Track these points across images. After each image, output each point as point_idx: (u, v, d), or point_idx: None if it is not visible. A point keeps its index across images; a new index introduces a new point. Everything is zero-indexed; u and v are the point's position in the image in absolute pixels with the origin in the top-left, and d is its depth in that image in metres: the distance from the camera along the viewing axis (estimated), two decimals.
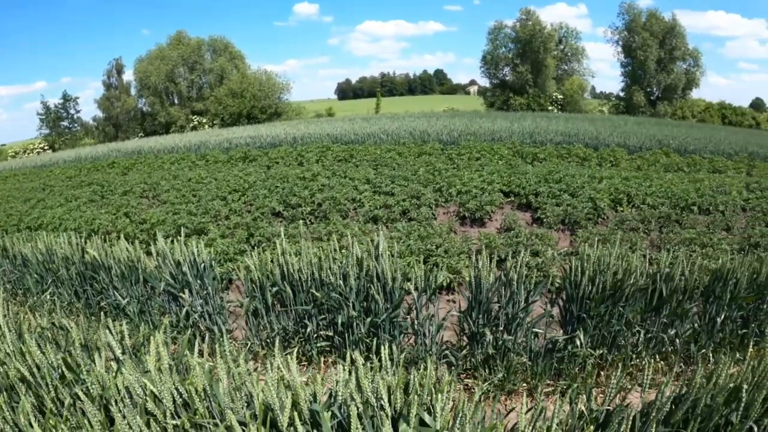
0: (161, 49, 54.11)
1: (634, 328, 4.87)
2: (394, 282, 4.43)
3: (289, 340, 4.92)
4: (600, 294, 4.57)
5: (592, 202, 9.36)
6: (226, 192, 11.91)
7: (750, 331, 5.41)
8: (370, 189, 10.44)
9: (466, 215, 9.08)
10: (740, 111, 57.12)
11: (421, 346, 4.49)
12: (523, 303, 4.41)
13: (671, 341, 5.00)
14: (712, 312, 5.29)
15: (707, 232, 8.62)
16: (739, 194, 10.79)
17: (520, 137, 19.09)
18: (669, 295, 4.80)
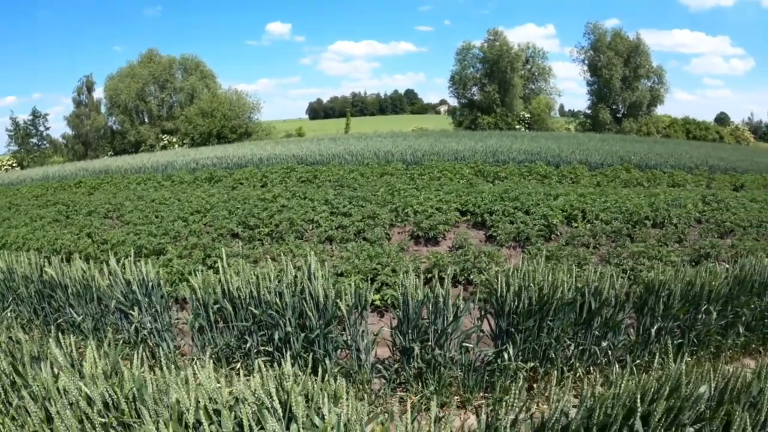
0: (132, 67, 53.88)
1: (565, 342, 5.04)
2: (326, 300, 4.70)
3: (233, 355, 5.19)
4: (527, 309, 4.76)
5: (544, 219, 9.64)
6: (188, 213, 12.06)
7: (687, 341, 5.58)
8: (327, 210, 10.70)
9: (420, 234, 9.35)
10: (704, 125, 58.79)
11: (356, 360, 4.76)
12: (451, 318, 4.66)
13: (604, 353, 5.17)
14: (646, 323, 5.47)
15: (657, 245, 8.91)
16: (694, 207, 11.19)
17: (483, 156, 19.51)
18: (598, 308, 4.99)
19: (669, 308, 5.42)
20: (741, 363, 5.76)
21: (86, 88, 56.81)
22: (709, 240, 9.20)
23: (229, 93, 52.40)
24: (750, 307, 6.05)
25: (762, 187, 16.52)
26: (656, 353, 5.09)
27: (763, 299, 6.13)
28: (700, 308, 5.58)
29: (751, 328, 6.15)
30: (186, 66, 55.69)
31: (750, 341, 6.17)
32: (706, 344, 5.75)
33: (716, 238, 9.53)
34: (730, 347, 5.97)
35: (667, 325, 5.46)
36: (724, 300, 5.78)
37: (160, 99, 53.73)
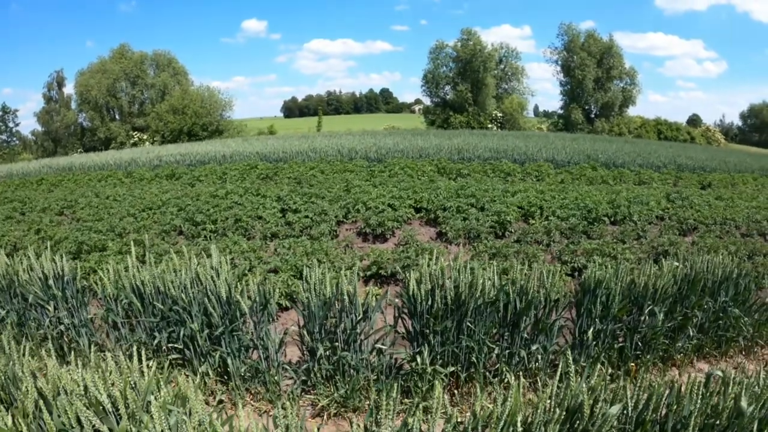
0: (103, 63, 52.88)
1: (489, 345, 4.69)
2: (229, 297, 4.57)
3: (146, 352, 5.03)
4: (441, 308, 4.52)
5: (497, 216, 9.55)
6: (138, 209, 11.85)
7: (630, 344, 5.27)
8: (278, 207, 10.56)
9: (367, 231, 9.22)
10: (675, 126, 59.71)
11: (263, 360, 4.64)
12: (360, 317, 4.49)
13: (536, 357, 4.89)
14: (582, 325, 5.14)
15: (612, 242, 8.88)
16: (657, 204, 11.19)
17: (448, 154, 19.55)
18: (524, 308, 4.69)
19: (608, 309, 5.10)
20: (695, 367, 5.68)
21: (57, 84, 56.07)
22: (668, 237, 9.20)
23: (201, 90, 51.78)
24: (702, 308, 5.73)
25: (729, 185, 16.73)
26: (598, 358, 4.99)
27: (717, 299, 5.85)
28: (643, 309, 5.27)
29: (704, 330, 5.85)
30: (158, 62, 54.86)
31: (703, 344, 5.90)
32: (653, 348, 5.41)
33: (677, 236, 9.54)
34: (681, 351, 5.69)
35: (606, 328, 5.13)
36: (673, 300, 5.50)
37: (131, 95, 52.91)
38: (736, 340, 6.04)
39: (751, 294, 6.17)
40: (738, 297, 6.00)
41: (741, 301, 6.02)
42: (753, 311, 6.16)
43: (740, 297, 6.03)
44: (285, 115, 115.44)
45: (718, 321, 5.90)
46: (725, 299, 5.86)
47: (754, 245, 9.24)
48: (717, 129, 66.38)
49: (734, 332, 5.96)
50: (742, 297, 6.04)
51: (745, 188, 16.36)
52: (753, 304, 6.19)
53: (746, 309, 6.06)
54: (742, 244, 9.15)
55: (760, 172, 21.69)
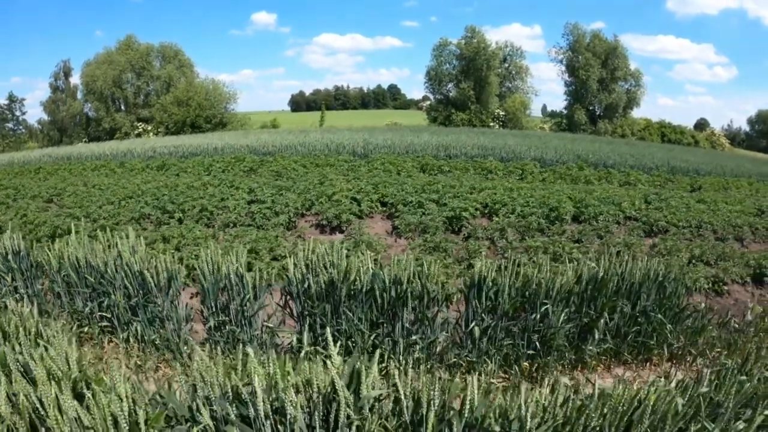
0: (109, 54, 53.20)
1: (362, 330, 4.79)
2: (142, 273, 4.99)
3: (83, 321, 5.54)
4: (316, 292, 4.76)
5: (453, 212, 9.78)
6: (119, 198, 12.28)
7: (526, 343, 5.14)
8: (248, 198, 10.96)
9: (325, 224, 9.61)
10: (679, 130, 59.31)
11: (173, 332, 5.02)
12: (252, 297, 4.88)
13: (423, 349, 4.90)
14: (469, 320, 5.06)
15: (559, 240, 9.02)
16: (632, 205, 11.16)
17: (435, 150, 19.79)
18: (396, 298, 4.76)
19: (497, 305, 5.00)
20: (611, 373, 5.49)
21: (63, 74, 56.56)
22: (623, 238, 9.31)
23: (206, 82, 52.18)
24: (616, 311, 5.52)
25: (722, 189, 16.76)
26: (487, 354, 5.01)
27: (637, 303, 5.63)
28: (537, 308, 5.12)
29: (620, 334, 5.62)
30: (164, 54, 55.17)
31: (621, 350, 5.66)
32: (554, 349, 5.24)
33: (641, 237, 9.69)
34: (592, 355, 5.45)
35: (497, 324, 5.03)
36: (580, 301, 5.36)
37: (137, 86, 53.27)
38: (659, 346, 5.76)
39: (681, 299, 5.95)
40: (664, 302, 5.78)
41: (667, 307, 5.79)
42: (683, 318, 5.91)
43: (666, 302, 5.80)
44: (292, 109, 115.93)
45: (638, 326, 5.69)
46: (646, 303, 5.65)
47: (723, 249, 9.27)
48: (722, 134, 65.86)
49: (661, 339, 5.73)
50: (668, 302, 5.81)
51: (737, 192, 16.34)
52: (681, 311, 5.94)
53: (673, 315, 5.83)
54: (708, 248, 9.20)
55: (757, 177, 21.61)
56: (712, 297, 8.17)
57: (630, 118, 57.69)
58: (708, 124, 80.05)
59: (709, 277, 8.38)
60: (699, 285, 7.98)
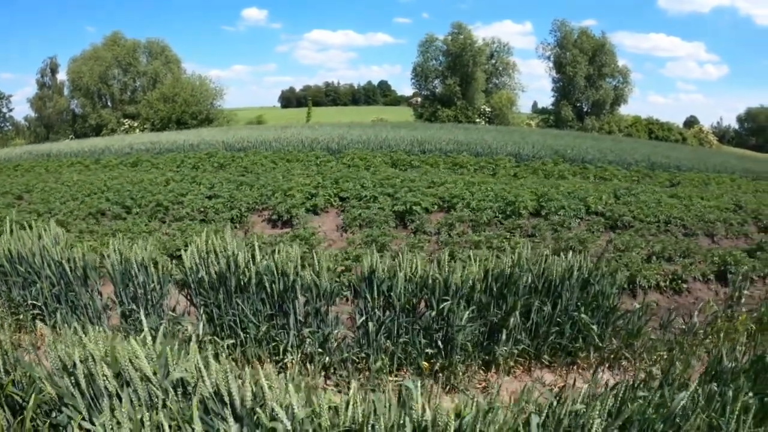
0: (96, 50, 53.11)
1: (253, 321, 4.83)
2: (62, 263, 5.16)
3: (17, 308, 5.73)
4: (208, 282, 4.85)
5: (405, 206, 9.84)
6: (84, 194, 12.37)
7: (414, 341, 4.98)
8: (206, 193, 11.06)
9: (276, 218, 9.73)
10: (667, 126, 59.40)
11: (96, 318, 5.19)
12: (158, 288, 5.07)
13: (310, 341, 4.85)
14: (361, 314, 4.98)
15: (504, 234, 9.01)
16: (599, 200, 10.97)
17: (409, 146, 19.80)
18: (283, 291, 4.79)
19: (390, 300, 4.89)
20: (531, 376, 5.34)
21: (50, 70, 56.54)
22: (575, 233, 9.21)
23: (192, 78, 52.16)
24: (528, 309, 5.29)
25: (702, 184, 16.68)
26: (386, 352, 4.90)
27: (559, 302, 5.39)
28: (436, 304, 4.94)
29: (539, 334, 5.41)
30: (151, 50, 55.12)
31: (541, 351, 5.46)
32: (458, 347, 5.03)
33: (601, 232, 9.65)
34: (504, 356, 5.22)
35: (393, 320, 4.93)
36: (490, 298, 5.18)
37: (123, 83, 53.31)
38: (586, 349, 5.53)
39: (611, 299, 5.65)
40: (591, 301, 5.52)
41: (593, 307, 5.53)
42: (612, 319, 5.65)
43: (593, 301, 5.53)
44: (282, 106, 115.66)
45: (558, 326, 5.45)
46: (567, 302, 5.41)
47: (688, 245, 9.13)
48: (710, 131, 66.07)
49: (589, 341, 5.48)
50: (594, 301, 5.54)
51: (716, 188, 16.15)
52: (611, 311, 5.65)
53: (602, 316, 5.58)
54: (671, 244, 9.08)
55: (741, 173, 21.62)
56: (670, 295, 8.07)
57: (617, 115, 57.89)
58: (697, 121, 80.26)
59: (667, 274, 8.25)
60: (650, 282, 7.92)
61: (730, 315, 6.38)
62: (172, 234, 8.45)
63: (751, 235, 10.59)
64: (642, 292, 7.96)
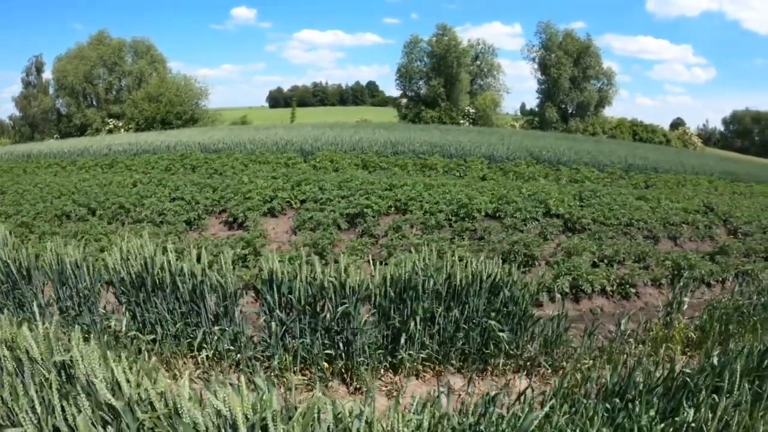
0: (81, 49, 52.94)
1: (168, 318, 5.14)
2: (10, 264, 5.54)
3: None
4: (129, 282, 5.19)
5: (356, 209, 10.13)
6: (55, 196, 12.65)
7: (314, 341, 5.05)
8: (171, 195, 11.38)
9: (231, 221, 10.07)
10: (651, 128, 59.72)
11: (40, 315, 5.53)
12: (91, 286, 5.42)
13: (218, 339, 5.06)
14: (262, 315, 5.18)
15: (443, 237, 9.14)
16: (560, 202, 10.97)
17: (382, 147, 19.98)
18: (193, 291, 5.05)
19: (290, 301, 5.03)
20: (441, 381, 5.23)
21: (35, 69, 56.40)
22: (520, 236, 9.21)
23: (177, 78, 52.14)
24: (431, 314, 5.27)
25: (677, 186, 16.90)
26: (288, 352, 5.03)
27: (466, 307, 5.35)
28: (334, 307, 5.04)
29: (447, 340, 5.37)
30: (137, 49, 54.97)
31: (448, 356, 5.42)
32: (360, 350, 5.13)
33: (555, 234, 9.78)
34: (409, 360, 5.21)
35: (295, 321, 5.07)
36: (389, 303, 5.21)
37: (108, 82, 53.11)
38: (498, 355, 5.43)
39: (525, 305, 5.56)
40: (501, 308, 5.45)
41: (504, 313, 5.45)
42: (528, 326, 5.58)
43: (503, 308, 5.46)
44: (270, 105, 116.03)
45: (463, 331, 5.40)
46: (475, 307, 5.36)
47: (643, 249, 9.20)
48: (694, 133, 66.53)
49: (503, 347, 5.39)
50: (504, 308, 5.46)
51: (690, 190, 16.29)
52: (523, 318, 5.55)
53: (516, 322, 5.51)
54: (625, 247, 9.12)
55: (719, 175, 21.85)
56: (617, 300, 8.13)
57: (601, 117, 58.29)
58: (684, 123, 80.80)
59: (615, 278, 8.28)
60: (595, 287, 7.91)
61: (668, 322, 6.28)
62: (122, 236, 8.78)
63: (717, 238, 10.73)
64: (586, 297, 8.02)
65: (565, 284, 7.97)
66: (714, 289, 8.79)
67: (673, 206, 11.93)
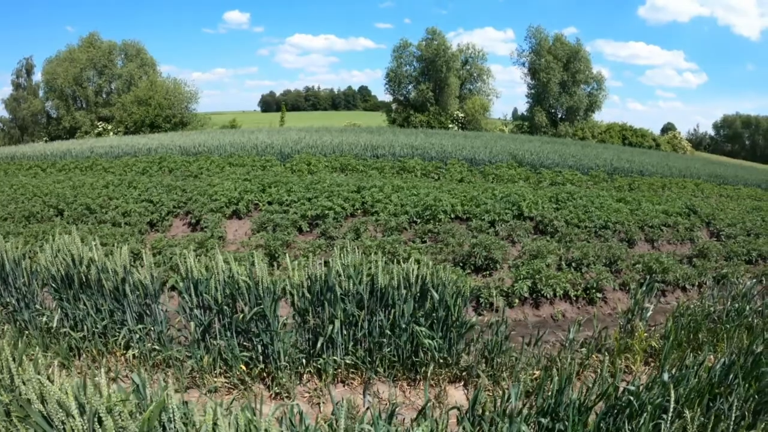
0: (71, 51, 52.82)
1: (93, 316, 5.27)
2: None
3: None
4: (61, 279, 5.33)
5: (319, 210, 10.17)
6: (28, 197, 12.70)
7: (232, 343, 5.02)
8: (137, 197, 11.45)
9: (193, 222, 10.16)
10: (641, 133, 59.95)
11: None
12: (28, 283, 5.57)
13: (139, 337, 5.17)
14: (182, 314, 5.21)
15: (398, 239, 9.04)
16: (534, 205, 10.94)
17: (362, 150, 20.21)
18: (115, 289, 5.16)
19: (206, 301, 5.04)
20: (370, 389, 5.17)
21: (25, 71, 56.14)
22: (479, 238, 9.02)
23: (167, 82, 52.13)
24: (353, 318, 5.18)
25: (660, 188, 17.01)
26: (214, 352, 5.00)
27: (394, 311, 5.18)
28: (250, 308, 4.98)
29: (373, 346, 5.28)
30: (127, 52, 54.93)
31: (373, 363, 5.28)
32: (282, 353, 5.08)
33: (521, 237, 9.67)
34: (331, 365, 5.16)
35: (210, 321, 5.09)
36: (310, 305, 5.17)
37: (98, 85, 53.07)
38: (430, 363, 5.24)
39: (458, 311, 5.31)
40: (431, 313, 5.27)
41: (434, 319, 5.27)
42: (462, 332, 5.38)
43: (434, 314, 5.27)
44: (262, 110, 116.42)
45: (387, 338, 5.25)
46: (402, 313, 5.19)
47: (615, 252, 9.03)
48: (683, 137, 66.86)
49: (433, 354, 5.22)
50: (435, 314, 5.27)
51: (675, 192, 16.41)
52: (455, 325, 5.34)
53: (446, 329, 5.31)
54: (593, 249, 8.95)
55: (705, 177, 22.13)
56: (582, 306, 7.92)
57: (591, 121, 58.48)
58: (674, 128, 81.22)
59: (579, 283, 8.11)
60: (556, 292, 7.72)
61: (630, 330, 6.02)
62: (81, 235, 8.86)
63: (698, 240, 10.64)
64: (547, 302, 7.81)
65: (524, 289, 7.74)
66: (690, 294, 8.59)
67: (654, 208, 11.85)
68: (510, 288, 7.83)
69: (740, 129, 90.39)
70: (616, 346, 5.62)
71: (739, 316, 6.27)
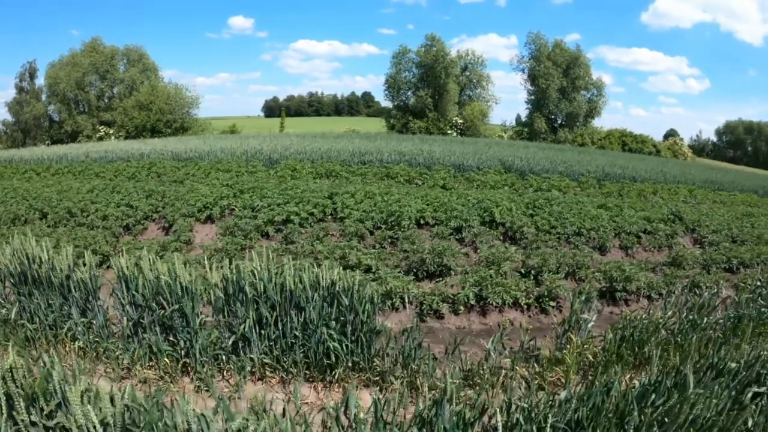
0: (74, 55, 53.41)
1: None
2: None
3: None
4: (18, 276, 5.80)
5: (286, 216, 10.44)
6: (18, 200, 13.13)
7: (159, 338, 5.35)
8: (118, 202, 11.85)
9: (167, 226, 10.55)
10: (641, 138, 59.83)
11: None
12: None
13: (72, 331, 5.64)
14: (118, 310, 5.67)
15: (348, 245, 9.17)
16: (508, 211, 10.91)
17: (350, 156, 20.37)
18: (61, 285, 5.63)
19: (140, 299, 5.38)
20: (286, 389, 5.31)
21: (29, 75, 56.74)
22: (430, 244, 9.11)
23: (169, 86, 52.57)
24: (261, 319, 5.38)
25: (651, 194, 16.92)
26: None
27: (304, 313, 5.38)
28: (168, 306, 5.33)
29: (286, 347, 5.44)
30: (129, 57, 55.46)
31: (286, 363, 5.44)
32: (203, 349, 5.36)
33: (484, 243, 9.64)
34: (254, 363, 5.40)
35: (140, 318, 5.42)
36: (217, 307, 5.48)
37: (100, 89, 53.59)
38: (342, 365, 5.36)
39: (367, 316, 5.41)
40: (339, 317, 5.40)
41: (342, 323, 5.40)
42: (370, 337, 5.46)
43: (342, 318, 5.39)
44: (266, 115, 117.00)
45: (298, 339, 5.40)
46: (310, 316, 5.34)
47: (580, 259, 8.96)
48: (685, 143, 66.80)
49: (342, 357, 5.36)
50: (343, 318, 5.38)
51: (663, 199, 16.24)
52: (363, 329, 5.41)
53: (353, 332, 5.41)
54: (554, 256, 8.85)
55: (700, 184, 22.12)
56: (535, 314, 7.82)
57: (590, 127, 58.55)
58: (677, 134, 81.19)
59: (531, 291, 7.98)
60: (505, 300, 7.59)
61: (565, 342, 5.83)
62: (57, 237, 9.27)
63: (676, 247, 10.52)
64: (496, 309, 7.72)
65: (470, 296, 7.68)
66: (656, 304, 7.91)
67: (636, 215, 11.76)
68: (455, 295, 7.78)
69: (743, 135, 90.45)
70: (545, 358, 5.51)
71: (694, 329, 5.92)
